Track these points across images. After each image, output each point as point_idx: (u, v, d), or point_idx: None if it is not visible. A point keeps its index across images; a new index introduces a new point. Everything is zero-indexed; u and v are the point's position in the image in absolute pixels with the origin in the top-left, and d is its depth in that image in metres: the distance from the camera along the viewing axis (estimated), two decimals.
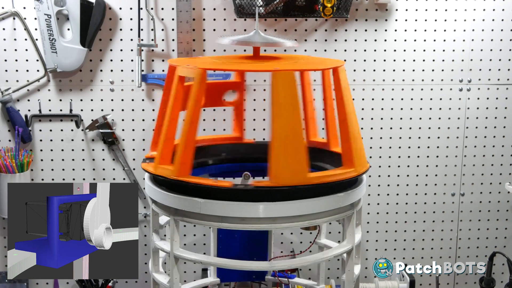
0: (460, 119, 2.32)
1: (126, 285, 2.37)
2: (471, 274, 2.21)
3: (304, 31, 2.22)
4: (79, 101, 2.22)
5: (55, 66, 2.15)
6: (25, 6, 2.14)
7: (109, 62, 2.20)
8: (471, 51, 2.27)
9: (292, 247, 2.36)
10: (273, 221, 1.62)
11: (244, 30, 2.20)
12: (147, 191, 1.80)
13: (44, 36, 2.13)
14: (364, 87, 2.27)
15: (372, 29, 2.24)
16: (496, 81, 2.30)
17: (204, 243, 2.34)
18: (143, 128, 2.25)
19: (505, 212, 2.42)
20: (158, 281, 1.81)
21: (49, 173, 2.26)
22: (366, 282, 2.32)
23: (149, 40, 2.17)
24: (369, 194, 2.35)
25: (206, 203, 1.61)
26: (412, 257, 2.42)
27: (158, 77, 2.19)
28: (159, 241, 1.80)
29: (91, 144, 2.26)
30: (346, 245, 1.77)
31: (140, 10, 2.14)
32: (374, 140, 2.31)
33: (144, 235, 2.33)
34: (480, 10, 2.24)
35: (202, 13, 2.19)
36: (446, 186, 2.37)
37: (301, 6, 2.12)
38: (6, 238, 2.31)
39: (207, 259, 1.78)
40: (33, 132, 2.23)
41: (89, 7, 2.11)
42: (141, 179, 2.26)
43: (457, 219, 2.41)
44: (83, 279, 2.26)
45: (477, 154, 2.36)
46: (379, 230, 2.40)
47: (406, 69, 2.27)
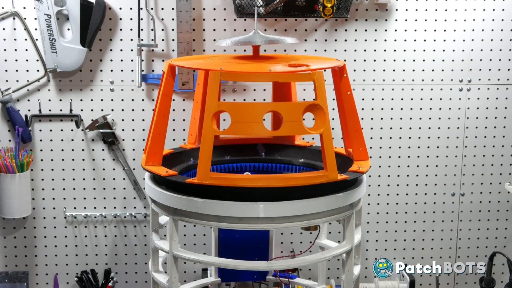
0: (460, 119, 2.32)
1: (126, 285, 2.37)
2: (471, 274, 2.21)
3: (304, 31, 2.22)
4: (79, 101, 2.22)
5: (55, 66, 2.16)
6: (25, 6, 2.14)
7: (109, 62, 2.20)
8: (471, 51, 2.27)
9: (292, 247, 2.36)
10: (272, 221, 1.63)
11: (244, 30, 2.20)
12: (147, 191, 1.81)
13: (44, 36, 2.13)
14: (364, 87, 2.27)
15: (372, 29, 2.24)
16: (496, 81, 2.30)
17: (204, 243, 2.35)
18: (143, 128, 2.25)
19: (505, 212, 2.41)
20: (157, 280, 1.81)
21: (49, 173, 2.27)
22: (366, 282, 2.32)
23: (149, 40, 2.17)
24: (369, 194, 2.35)
25: (204, 203, 1.61)
26: (412, 257, 2.42)
27: (158, 77, 2.19)
28: (159, 240, 1.80)
29: (91, 144, 2.26)
30: (345, 245, 1.77)
31: (140, 10, 2.14)
32: (374, 140, 2.31)
33: (144, 235, 2.33)
34: (480, 10, 2.24)
35: (202, 13, 2.19)
36: (446, 186, 2.37)
37: (301, 6, 2.12)
38: (6, 238, 2.31)
39: (207, 259, 1.79)
40: (33, 132, 2.23)
41: (89, 7, 2.12)
42: (141, 179, 2.27)
43: (457, 219, 2.41)
44: (83, 279, 2.27)
45: (477, 154, 2.35)
46: (379, 230, 2.40)
47: (406, 69, 2.27)
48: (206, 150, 1.60)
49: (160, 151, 1.78)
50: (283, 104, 1.70)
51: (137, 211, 2.32)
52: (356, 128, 1.83)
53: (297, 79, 1.75)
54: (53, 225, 2.31)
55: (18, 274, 2.32)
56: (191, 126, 2.04)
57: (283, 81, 1.84)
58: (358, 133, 1.84)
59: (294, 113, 1.59)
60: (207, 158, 1.60)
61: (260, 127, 1.59)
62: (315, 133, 1.61)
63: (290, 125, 1.59)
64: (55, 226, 2.31)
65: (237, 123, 1.58)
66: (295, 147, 2.07)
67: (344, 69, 1.79)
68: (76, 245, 2.33)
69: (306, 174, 1.73)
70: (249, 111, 1.60)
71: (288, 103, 1.90)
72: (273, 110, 1.64)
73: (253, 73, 1.68)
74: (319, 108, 1.61)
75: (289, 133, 1.65)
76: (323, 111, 1.61)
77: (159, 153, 1.78)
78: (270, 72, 1.63)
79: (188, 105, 2.22)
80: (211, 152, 1.60)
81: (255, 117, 1.58)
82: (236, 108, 1.61)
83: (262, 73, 1.67)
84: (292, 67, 1.67)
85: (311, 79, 1.61)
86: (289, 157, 2.04)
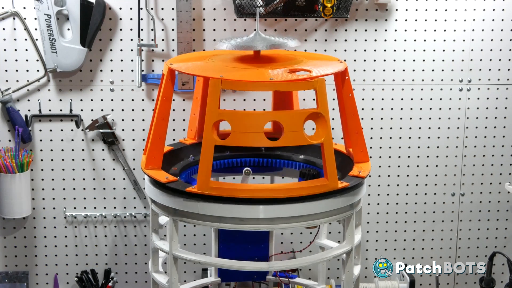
0: (460, 119, 2.32)
1: (126, 285, 2.38)
2: (471, 274, 2.21)
3: (304, 31, 2.22)
4: (79, 101, 2.22)
5: (55, 66, 2.16)
6: (25, 6, 2.14)
7: (109, 62, 2.20)
8: (471, 51, 2.27)
9: (292, 247, 2.36)
10: (272, 222, 1.63)
11: (244, 30, 2.20)
12: (147, 191, 1.81)
13: (44, 36, 2.13)
14: (364, 87, 2.27)
15: (372, 29, 2.23)
16: (496, 81, 2.30)
17: (204, 243, 2.35)
18: (143, 128, 2.25)
19: (505, 212, 2.41)
20: (157, 281, 1.82)
21: (49, 173, 2.27)
22: (366, 282, 2.32)
23: (149, 40, 2.17)
24: (369, 194, 2.35)
25: (205, 205, 1.61)
26: (412, 257, 2.42)
27: (158, 77, 2.19)
28: (159, 241, 1.80)
29: (91, 144, 2.26)
30: (345, 245, 1.77)
31: (140, 10, 2.14)
32: (374, 140, 2.31)
33: (144, 235, 2.33)
34: (480, 10, 2.24)
35: (202, 13, 2.19)
36: (446, 186, 2.37)
37: (301, 6, 2.12)
38: (6, 238, 2.31)
39: (207, 259, 1.79)
40: (33, 132, 2.23)
41: (89, 7, 2.11)
42: (141, 179, 2.27)
43: (457, 219, 2.41)
44: (83, 279, 2.27)
45: (477, 154, 2.35)
46: (379, 230, 2.40)
47: (406, 69, 2.27)
48: (206, 160, 1.59)
49: (160, 154, 1.77)
50: (284, 113, 1.68)
51: (137, 211, 2.32)
52: (357, 129, 1.83)
53: (298, 87, 1.74)
54: (53, 225, 2.31)
55: (18, 274, 2.32)
56: (191, 121, 2.05)
57: (283, 90, 1.82)
58: (359, 135, 1.83)
59: (295, 123, 1.59)
60: (207, 167, 1.59)
61: (260, 137, 1.59)
62: (316, 143, 1.61)
63: (291, 135, 1.59)
64: (55, 226, 2.31)
65: (237, 133, 1.58)
66: None
67: (346, 72, 1.78)
68: (76, 245, 2.33)
69: (307, 183, 1.72)
70: (249, 121, 1.59)
71: (289, 112, 1.85)
72: (274, 119, 1.64)
73: (254, 82, 1.65)
74: (321, 117, 1.60)
75: (290, 143, 1.63)
76: (324, 119, 1.60)
77: (159, 156, 1.77)
78: (271, 81, 1.61)
79: (188, 105, 2.21)
80: (212, 161, 1.60)
81: (255, 127, 1.58)
82: (237, 117, 1.60)
83: (263, 82, 1.64)
84: (293, 73, 1.66)
85: (313, 87, 1.60)
86: (289, 153, 2.04)
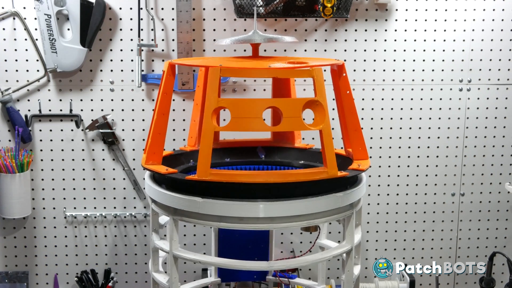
0: (460, 119, 2.32)
1: (126, 285, 2.37)
2: (471, 274, 2.21)
3: (304, 31, 2.22)
4: (79, 101, 2.22)
5: (55, 66, 2.16)
6: (25, 6, 2.14)
7: (109, 62, 2.20)
8: (471, 51, 2.27)
9: (292, 247, 2.36)
10: (271, 221, 1.63)
11: (244, 30, 2.20)
12: (146, 191, 1.81)
13: (44, 36, 2.13)
14: (364, 87, 2.27)
15: (372, 29, 2.24)
16: (496, 81, 2.30)
17: (204, 243, 2.35)
18: (143, 128, 2.25)
19: (505, 212, 2.41)
20: (157, 280, 1.81)
21: (49, 173, 2.27)
22: (366, 282, 2.32)
23: (149, 40, 2.17)
24: (369, 194, 2.35)
25: (204, 203, 1.61)
26: (412, 257, 2.42)
27: (158, 77, 2.19)
28: (159, 240, 1.80)
29: (91, 144, 2.26)
30: (345, 245, 1.77)
31: (140, 10, 2.14)
32: (374, 140, 2.31)
33: (144, 235, 2.33)
34: (480, 10, 2.24)
35: (202, 13, 2.19)
36: (446, 186, 2.37)
37: (301, 6, 2.12)
38: (6, 238, 2.31)
39: (207, 259, 1.79)
40: (33, 132, 2.23)
41: (89, 7, 2.12)
42: (141, 179, 2.27)
43: (457, 219, 2.41)
44: (83, 279, 2.27)
45: (477, 154, 2.35)
46: (379, 230, 2.40)
47: (406, 69, 2.27)
48: (206, 146, 1.60)
49: (160, 150, 1.78)
50: (282, 100, 1.72)
51: (137, 211, 2.32)
52: (355, 127, 1.83)
53: (296, 75, 1.77)
54: (53, 225, 2.31)
55: (18, 274, 2.32)
56: (191, 128, 2.04)
57: (282, 77, 1.85)
58: (357, 133, 1.84)
59: (294, 109, 1.60)
60: (207, 154, 1.60)
61: (259, 123, 1.59)
62: (315, 129, 1.62)
63: (290, 121, 1.60)
64: (55, 226, 2.31)
65: (237, 119, 1.59)
66: (295, 149, 2.07)
67: (343, 68, 1.80)
68: (76, 245, 2.33)
69: (306, 170, 1.74)
70: (248, 107, 1.60)
71: (288, 99, 1.92)
72: (273, 106, 1.64)
73: (253, 69, 1.69)
74: (319, 105, 1.61)
75: (289, 128, 1.66)
76: (322, 107, 1.61)
77: (159, 152, 1.78)
78: (269, 68, 1.64)
79: (188, 105, 2.22)
80: (211, 148, 1.60)
81: (254, 113, 1.59)
82: (236, 104, 1.61)
83: (262, 69, 1.67)
84: (291, 64, 1.69)
85: (311, 75, 1.62)
86: (289, 159, 2.04)
